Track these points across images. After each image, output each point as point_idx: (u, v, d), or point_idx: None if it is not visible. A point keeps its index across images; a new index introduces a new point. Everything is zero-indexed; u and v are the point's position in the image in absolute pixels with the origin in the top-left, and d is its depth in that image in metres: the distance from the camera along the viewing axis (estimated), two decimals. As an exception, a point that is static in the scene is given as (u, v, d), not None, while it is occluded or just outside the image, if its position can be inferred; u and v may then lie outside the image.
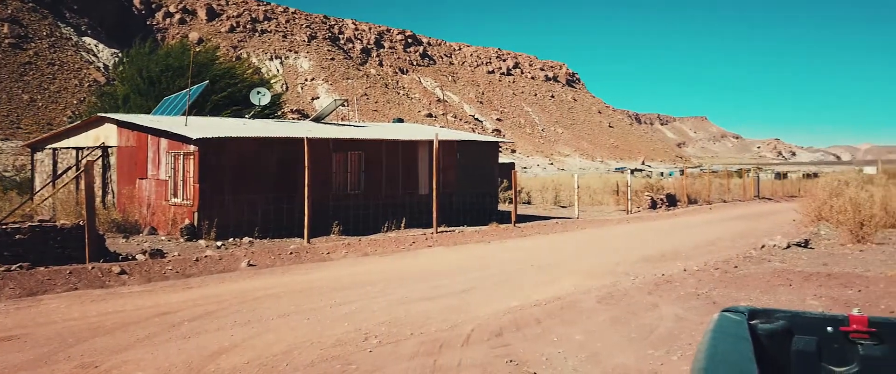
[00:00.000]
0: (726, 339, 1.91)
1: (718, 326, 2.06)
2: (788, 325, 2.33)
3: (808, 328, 2.33)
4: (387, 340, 6.33)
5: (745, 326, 2.13)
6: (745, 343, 1.89)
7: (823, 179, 27.16)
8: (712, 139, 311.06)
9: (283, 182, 15.55)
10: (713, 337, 1.91)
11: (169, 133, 15.18)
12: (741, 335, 1.98)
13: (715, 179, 37.99)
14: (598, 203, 29.03)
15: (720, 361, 1.70)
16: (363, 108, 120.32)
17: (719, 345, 1.84)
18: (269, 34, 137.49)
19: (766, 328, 2.30)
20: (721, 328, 2.03)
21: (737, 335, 1.97)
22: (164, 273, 10.02)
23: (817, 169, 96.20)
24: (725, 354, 1.76)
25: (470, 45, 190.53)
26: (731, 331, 2.01)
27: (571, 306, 7.81)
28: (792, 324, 2.33)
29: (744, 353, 1.78)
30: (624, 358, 5.75)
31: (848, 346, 2.30)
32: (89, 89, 77.85)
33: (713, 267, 10.41)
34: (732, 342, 1.88)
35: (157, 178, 15.65)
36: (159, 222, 15.32)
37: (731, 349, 1.82)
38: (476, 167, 20.61)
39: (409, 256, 12.87)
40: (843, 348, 2.31)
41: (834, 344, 2.31)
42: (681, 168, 58.99)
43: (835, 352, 2.31)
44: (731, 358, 1.73)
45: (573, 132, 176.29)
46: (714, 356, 1.72)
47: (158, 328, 6.73)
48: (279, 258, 11.75)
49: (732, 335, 1.97)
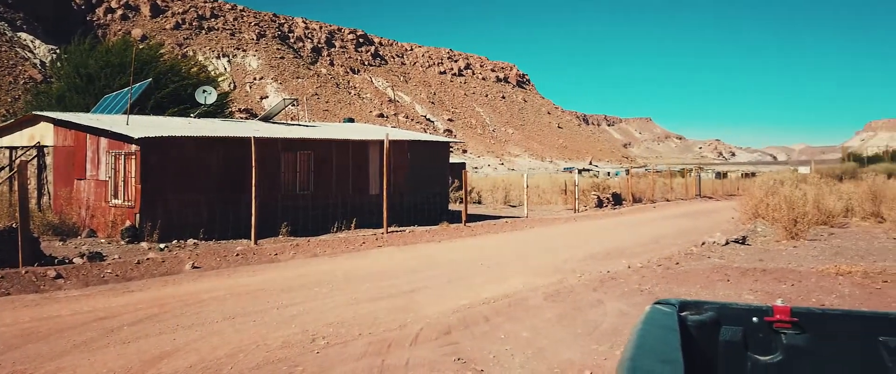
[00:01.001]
0: (655, 331, 1.98)
1: (649, 318, 2.13)
2: (716, 316, 2.42)
3: (735, 318, 2.43)
4: (334, 341, 6.29)
5: (674, 317, 2.21)
6: (673, 334, 1.96)
7: (760, 179, 28.24)
8: (656, 140, 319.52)
9: (230, 182, 15.24)
10: (643, 329, 1.97)
11: (109, 132, 14.69)
12: (670, 327, 2.05)
13: (659, 178, 39.05)
14: (546, 202, 29.46)
15: (647, 351, 1.76)
16: (314, 107, 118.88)
17: (648, 336, 1.90)
18: (217, 32, 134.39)
19: (695, 320, 2.38)
20: (651, 320, 2.10)
21: (665, 327, 2.04)
22: (104, 277, 9.70)
23: (755, 169, 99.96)
24: (653, 345, 1.82)
25: (422, 46, 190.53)
26: (660, 323, 2.08)
27: (519, 304, 7.92)
28: (720, 315, 2.42)
29: (670, 343, 1.84)
30: (570, 354, 5.87)
31: (772, 335, 2.41)
32: (25, 87, 74.45)
33: (656, 264, 10.71)
34: (661, 334, 1.95)
35: (96, 178, 15.12)
36: (99, 224, 14.80)
37: (659, 340, 1.88)
38: (427, 167, 20.64)
39: (359, 256, 12.80)
40: (767, 337, 2.41)
41: (759, 334, 2.42)
42: (626, 168, 60.40)
43: (760, 341, 2.42)
44: (657, 349, 1.79)
45: (523, 133, 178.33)
46: (642, 347, 1.78)
47: (96, 334, 6.51)
48: (225, 260, 11.52)
49: (661, 326, 2.04)
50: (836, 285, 8.35)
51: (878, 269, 9.31)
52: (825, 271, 9.25)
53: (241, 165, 15.02)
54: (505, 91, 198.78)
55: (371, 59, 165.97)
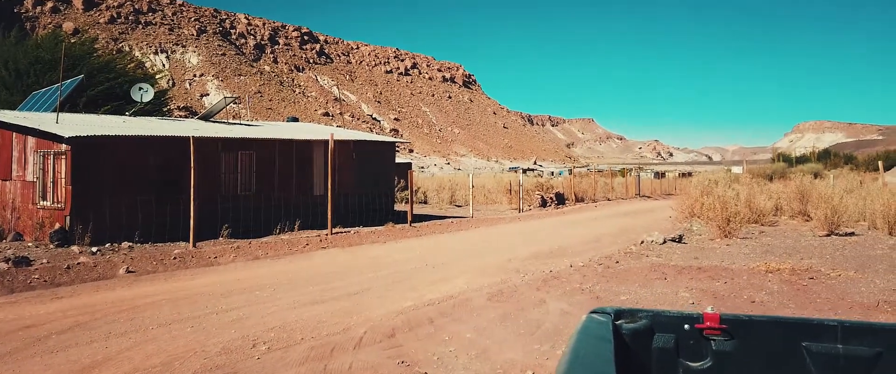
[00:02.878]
0: (589, 341, 2.02)
1: (584, 327, 2.18)
2: (650, 324, 2.49)
3: (668, 326, 2.50)
4: (276, 346, 6.18)
5: (609, 327, 2.26)
6: (607, 344, 2.00)
7: (696, 179, 29.27)
8: (598, 140, 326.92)
9: (168, 183, 14.76)
10: (578, 339, 2.02)
11: (37, 131, 14.01)
12: (604, 337, 2.10)
13: (600, 178, 39.95)
14: (492, 202, 29.72)
15: (581, 362, 1.79)
16: (257, 106, 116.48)
17: (582, 347, 1.94)
18: (155, 26, 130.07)
19: (629, 328, 2.45)
20: (586, 330, 2.14)
21: (599, 337, 2.08)
22: (30, 283, 9.25)
23: (691, 169, 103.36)
24: (586, 356, 1.86)
25: (368, 45, 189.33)
26: (594, 332, 2.12)
27: (463, 305, 7.96)
28: (653, 323, 2.49)
29: (603, 355, 1.88)
30: (512, 354, 5.93)
31: (703, 342, 2.49)
32: (-57, 81, 70.24)
33: (597, 263, 10.94)
34: (594, 344, 1.99)
35: (23, 179, 14.40)
36: (26, 226, 14.11)
37: (593, 350, 1.92)
38: (372, 167, 20.51)
39: (303, 258, 12.62)
40: (698, 344, 2.49)
41: (690, 341, 2.49)
42: (569, 168, 61.55)
43: (691, 348, 2.49)
44: (590, 360, 1.82)
45: (469, 133, 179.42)
46: (576, 358, 1.82)
47: (21, 343, 6.20)
48: (162, 264, 11.16)
49: (595, 336, 2.08)
50: (766, 282, 8.72)
51: (804, 266, 9.77)
52: (756, 268, 9.65)
53: (179, 165, 14.57)
54: (451, 91, 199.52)
55: (316, 57, 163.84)
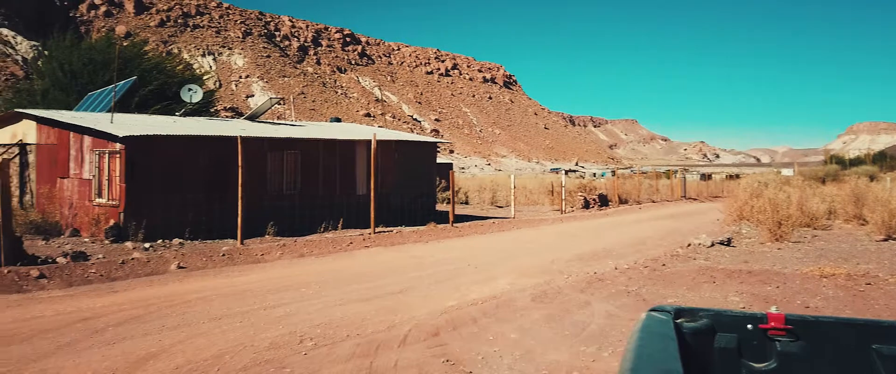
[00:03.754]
0: (653, 338, 1.99)
1: (645, 326, 2.14)
2: (711, 323, 2.44)
3: (730, 325, 2.45)
4: (322, 342, 6.26)
5: (670, 325, 2.22)
6: (671, 342, 1.97)
7: (744, 181, 28.51)
8: (642, 141, 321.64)
9: (216, 182, 15.12)
10: (640, 337, 1.98)
11: (93, 130, 14.52)
12: (667, 335, 2.06)
13: (644, 179, 39.31)
14: (533, 203, 29.54)
15: (647, 360, 1.76)
16: (300, 107, 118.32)
17: (646, 345, 1.91)
18: (202, 29, 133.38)
19: (690, 327, 2.40)
20: (648, 328, 2.11)
21: (663, 335, 2.05)
22: (87, 277, 9.58)
23: (739, 171, 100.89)
24: (652, 353, 1.83)
25: (409, 46, 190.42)
26: (657, 330, 2.09)
27: (507, 305, 7.93)
28: (715, 322, 2.44)
29: (669, 352, 1.85)
30: (557, 355, 5.88)
31: (766, 343, 2.43)
32: (6, 83, 73.38)
33: (642, 265, 10.77)
34: (658, 342, 1.96)
35: (80, 177, 14.94)
36: (82, 223, 14.63)
37: (658, 348, 1.89)
38: (414, 168, 20.62)
39: (346, 257, 12.76)
40: (762, 344, 2.43)
41: (753, 341, 2.43)
42: (612, 169, 60.71)
43: (754, 349, 2.44)
44: (656, 357, 1.80)
45: (510, 133, 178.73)
46: (641, 356, 1.79)
47: (80, 335, 6.43)
48: (211, 260, 11.43)
49: (658, 334, 2.05)
50: (821, 287, 8.44)
51: (861, 271, 9.42)
52: (809, 273, 9.35)
53: (227, 164, 14.92)
54: (492, 92, 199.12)
55: (358, 58, 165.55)
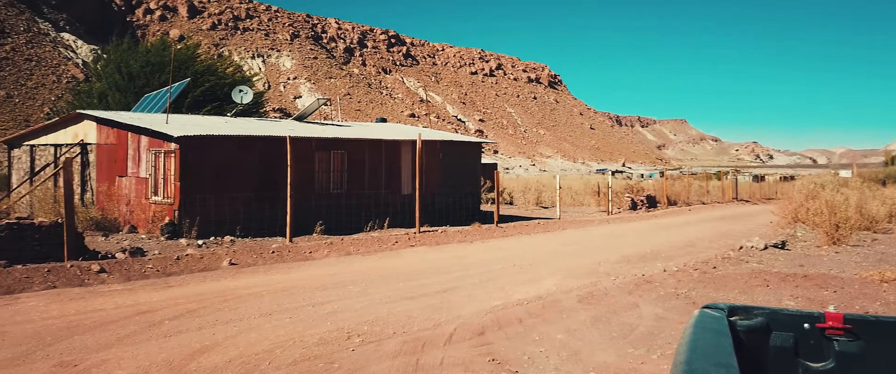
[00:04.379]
0: (707, 334, 1.96)
1: (699, 322, 2.11)
2: (767, 322, 2.39)
3: (786, 324, 2.39)
4: (369, 339, 6.34)
5: (724, 322, 2.18)
6: (726, 338, 1.93)
7: (800, 182, 27.61)
8: (691, 142, 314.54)
9: (265, 181, 15.47)
10: (694, 332, 1.95)
11: (150, 131, 15.03)
12: (721, 331, 2.03)
13: (694, 181, 38.45)
14: (579, 204, 29.24)
15: (701, 354, 1.74)
16: (346, 107, 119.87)
17: (700, 340, 1.88)
18: (252, 32, 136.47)
19: (744, 325, 2.36)
20: (701, 324, 2.07)
21: (717, 331, 2.01)
22: (145, 272, 9.93)
23: (794, 172, 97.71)
24: (706, 348, 1.80)
25: (453, 46, 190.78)
26: (711, 327, 2.06)
27: (553, 306, 7.88)
28: (770, 321, 2.39)
29: (724, 347, 1.82)
30: (605, 357, 5.82)
31: (824, 342, 2.36)
32: (67, 86, 76.65)
33: (692, 268, 10.55)
34: (713, 337, 1.93)
35: (137, 175, 15.49)
36: (139, 220, 15.16)
37: (712, 343, 1.86)
38: (459, 168, 20.66)
39: (392, 255, 12.87)
40: (819, 344, 2.37)
41: (810, 341, 2.38)
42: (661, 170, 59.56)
43: (811, 348, 2.38)
44: (711, 352, 1.77)
45: (555, 134, 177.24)
46: (695, 350, 1.77)
47: (138, 327, 6.67)
48: (261, 257, 11.70)
49: (712, 330, 2.01)
50: (881, 292, 8.12)
51: (925, 276, 9.02)
52: (869, 277, 9.00)
53: (276, 163, 15.24)
54: (536, 92, 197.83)
55: (403, 59, 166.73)
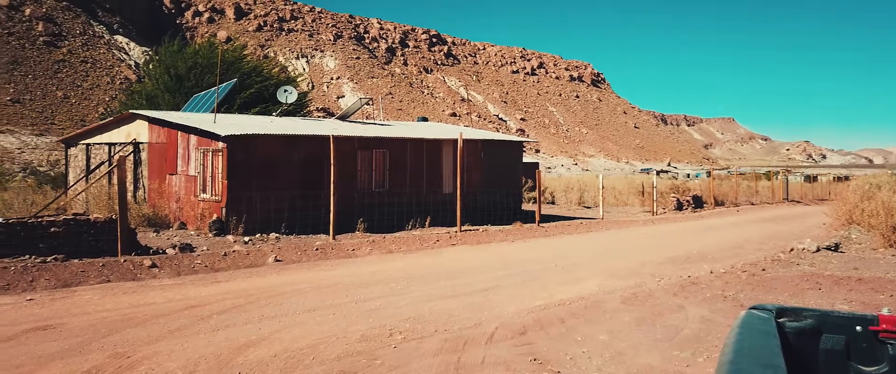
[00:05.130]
0: (753, 334, 1.91)
1: (745, 322, 2.06)
2: (817, 324, 2.32)
3: (837, 327, 2.32)
4: (411, 336, 6.39)
5: (772, 323, 2.13)
6: (773, 339, 1.89)
7: (855, 183, 26.63)
8: (740, 141, 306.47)
9: (309, 179, 15.71)
10: (740, 333, 1.91)
11: (198, 130, 15.43)
12: (769, 332, 1.98)
13: (742, 181, 37.48)
14: (622, 204, 28.82)
15: (747, 355, 1.70)
16: (388, 107, 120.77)
17: (747, 340, 1.84)
18: (296, 33, 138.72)
19: (793, 327, 2.29)
20: (748, 325, 2.03)
21: (764, 332, 1.97)
22: (194, 267, 10.21)
23: (848, 172, 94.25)
24: (752, 348, 1.76)
25: (494, 45, 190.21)
26: (758, 327, 2.01)
27: (596, 306, 7.79)
28: (820, 323, 2.32)
29: (772, 348, 1.78)
30: (649, 358, 5.73)
31: (877, 346, 2.29)
32: (121, 86, 79.31)
33: (740, 270, 10.29)
34: (760, 338, 1.88)
35: (186, 173, 15.92)
36: (188, 216, 15.58)
37: (759, 344, 1.82)
38: (500, 167, 20.60)
39: (433, 254, 12.92)
40: (872, 347, 2.29)
41: (863, 344, 2.30)
42: (707, 170, 58.21)
43: (864, 352, 2.30)
44: (757, 352, 1.73)
45: (598, 133, 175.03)
46: (741, 350, 1.73)
47: (188, 321, 6.86)
48: (305, 254, 11.89)
49: (760, 331, 1.97)
50: (943, 297, 7.78)
51: None
52: (929, 282, 8.64)
53: (319, 162, 15.47)
54: (579, 90, 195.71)
55: (444, 58, 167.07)
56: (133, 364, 5.39)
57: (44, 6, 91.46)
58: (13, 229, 9.83)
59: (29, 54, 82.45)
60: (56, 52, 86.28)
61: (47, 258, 9.50)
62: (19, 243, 9.77)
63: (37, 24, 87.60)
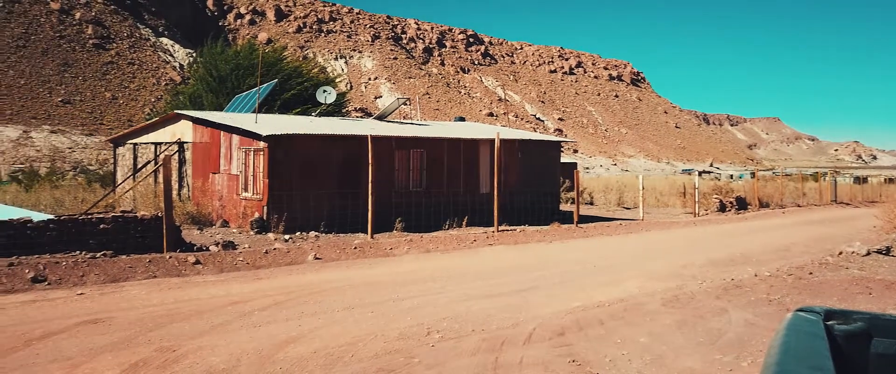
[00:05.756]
0: (801, 337, 1.86)
1: (792, 324, 2.01)
2: (867, 327, 2.24)
3: (890, 330, 2.24)
4: (448, 335, 6.40)
5: (820, 326, 2.07)
6: (821, 341, 1.83)
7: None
8: (786, 141, 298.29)
9: (348, 178, 15.88)
10: (787, 335, 1.86)
11: (240, 130, 15.74)
12: (817, 334, 1.92)
13: (788, 182, 36.50)
14: (663, 205, 28.35)
15: (794, 356, 1.65)
16: (425, 106, 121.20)
17: (793, 342, 1.79)
18: (335, 34, 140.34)
19: (842, 330, 2.22)
20: (795, 327, 1.97)
21: (812, 334, 1.91)
22: (236, 264, 10.41)
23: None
24: (799, 351, 1.71)
25: (532, 44, 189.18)
26: (805, 329, 1.95)
27: (635, 308, 7.69)
28: (871, 326, 2.24)
29: (819, 351, 1.73)
30: (690, 362, 5.63)
31: None
32: (166, 87, 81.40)
33: (786, 273, 10.03)
34: (807, 340, 1.83)
35: (228, 172, 16.25)
36: (231, 214, 15.91)
37: (807, 346, 1.77)
38: (537, 167, 20.48)
39: (470, 253, 12.91)
40: None
41: None
42: (752, 170, 56.84)
43: None
44: (805, 355, 1.68)
45: (638, 133, 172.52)
46: (787, 352, 1.68)
47: (231, 317, 7.01)
48: (344, 252, 12.02)
49: (807, 333, 1.91)
50: None
51: None
52: None
53: (357, 162, 15.62)
54: (618, 90, 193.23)
55: (481, 58, 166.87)
56: (178, 358, 5.53)
57: (93, 10, 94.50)
58: (65, 226, 10.19)
59: (79, 57, 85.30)
60: (104, 54, 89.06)
61: (97, 254, 9.81)
62: (70, 240, 10.12)
63: (86, 28, 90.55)
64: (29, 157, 59.62)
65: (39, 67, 78.75)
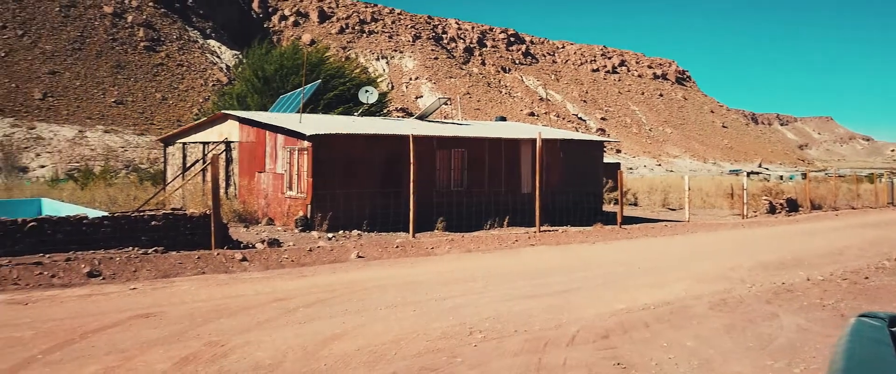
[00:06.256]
0: (865, 343, 1.79)
1: (855, 330, 1.94)
2: None
3: None
4: (491, 335, 6.38)
5: (885, 331, 1.99)
6: (887, 348, 1.77)
7: (972, 186, 24.53)
8: (839, 141, 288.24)
9: (390, 178, 15.99)
10: (851, 341, 1.80)
11: (285, 129, 16.01)
12: (882, 341, 1.85)
13: (842, 183, 35.27)
14: (710, 206, 27.72)
15: (860, 363, 1.60)
16: (466, 106, 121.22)
17: (858, 349, 1.73)
18: (376, 35, 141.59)
19: None
20: (858, 333, 1.90)
21: (877, 340, 1.84)
22: (281, 262, 10.60)
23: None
24: (865, 358, 1.65)
25: (573, 43, 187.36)
26: (870, 336, 1.88)
27: (682, 312, 7.53)
28: None
29: (886, 358, 1.66)
30: (739, 367, 5.49)
31: None
32: (213, 88, 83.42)
33: (840, 277, 9.69)
34: (872, 347, 1.76)
35: (273, 171, 16.55)
36: (276, 213, 16.19)
37: (872, 353, 1.70)
38: (580, 167, 20.27)
39: (512, 253, 12.86)
40: None
41: None
42: (803, 171, 55.14)
43: None
44: (872, 363, 1.62)
45: (683, 132, 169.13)
46: (852, 358, 1.62)
47: (276, 313, 7.13)
48: (386, 251, 12.10)
49: (872, 339, 1.84)
50: None
51: None
52: None
53: (399, 161, 15.71)
54: (663, 89, 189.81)
55: (522, 57, 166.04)
56: (226, 352, 5.66)
57: (144, 13, 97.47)
58: (118, 223, 10.53)
59: (131, 59, 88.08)
60: (155, 56, 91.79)
61: (148, 250, 10.11)
62: (124, 236, 10.46)
63: (138, 31, 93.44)
64: (84, 156, 61.91)
65: (94, 69, 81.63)
